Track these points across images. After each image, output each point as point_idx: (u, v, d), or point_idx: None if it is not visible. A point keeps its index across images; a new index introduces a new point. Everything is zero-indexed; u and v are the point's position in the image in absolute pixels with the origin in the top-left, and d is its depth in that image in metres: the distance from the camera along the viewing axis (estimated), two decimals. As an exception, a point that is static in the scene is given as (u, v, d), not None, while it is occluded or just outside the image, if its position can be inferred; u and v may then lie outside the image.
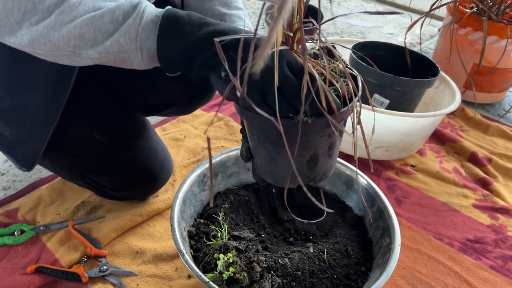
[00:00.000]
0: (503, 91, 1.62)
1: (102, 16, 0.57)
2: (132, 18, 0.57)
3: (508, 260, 0.99)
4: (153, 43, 0.57)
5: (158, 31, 0.57)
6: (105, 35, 0.57)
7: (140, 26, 0.57)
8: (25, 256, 0.87)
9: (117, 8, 0.57)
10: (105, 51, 0.58)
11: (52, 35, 0.58)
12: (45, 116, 0.78)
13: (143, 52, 0.58)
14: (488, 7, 1.45)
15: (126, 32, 0.57)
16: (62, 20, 0.57)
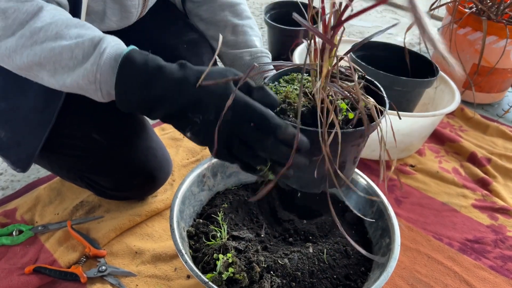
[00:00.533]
0: (502, 91, 1.62)
1: (61, 53, 0.57)
2: (90, 62, 0.56)
3: (507, 260, 0.99)
4: (109, 86, 0.58)
5: (115, 80, 0.57)
6: (65, 69, 0.58)
7: (98, 72, 0.56)
8: (23, 257, 0.87)
9: (76, 46, 0.57)
10: (64, 85, 0.59)
11: (13, 57, 0.58)
12: (40, 119, 0.78)
13: (102, 92, 0.59)
14: (488, 7, 1.45)
15: (85, 76, 0.57)
16: (23, 44, 0.57)
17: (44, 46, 0.57)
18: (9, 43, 0.57)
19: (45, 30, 0.57)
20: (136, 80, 0.56)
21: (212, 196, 0.92)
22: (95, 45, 0.57)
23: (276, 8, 1.77)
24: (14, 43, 0.57)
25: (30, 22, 0.57)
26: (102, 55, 0.56)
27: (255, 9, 2.29)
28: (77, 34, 0.58)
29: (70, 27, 0.58)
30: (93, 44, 0.57)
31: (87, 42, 0.57)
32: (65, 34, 0.57)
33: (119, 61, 0.56)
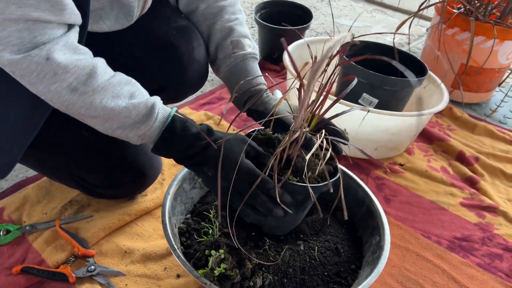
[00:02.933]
0: (490, 91, 1.64)
1: (120, 113, 0.67)
2: (145, 124, 0.69)
3: (494, 257, 1.00)
4: (152, 140, 0.71)
5: (157, 139, 0.70)
6: (115, 123, 0.68)
7: (149, 131, 0.70)
8: (10, 257, 0.86)
9: (133, 108, 0.68)
10: (111, 132, 0.70)
11: (71, 108, 0.66)
12: (24, 127, 0.77)
13: (142, 141, 0.72)
14: (475, 7, 1.47)
15: (136, 132, 0.69)
16: (83, 100, 0.65)
17: (103, 104, 0.66)
18: (68, 97, 0.64)
19: (104, 89, 0.66)
20: (173, 145, 0.71)
21: (204, 194, 0.92)
22: (149, 109, 0.69)
23: (266, 7, 1.77)
24: (75, 99, 0.65)
25: (89, 80, 0.65)
26: (155, 120, 0.69)
27: (246, 8, 2.29)
28: (130, 93, 0.69)
29: (122, 84, 0.68)
30: (147, 108, 0.69)
31: (142, 105, 0.68)
32: (120, 93, 0.67)
33: (165, 126, 0.70)
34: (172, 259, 0.89)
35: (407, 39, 2.06)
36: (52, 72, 0.61)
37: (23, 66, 0.60)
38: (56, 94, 0.64)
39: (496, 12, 1.51)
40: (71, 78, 0.63)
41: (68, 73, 0.62)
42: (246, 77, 0.89)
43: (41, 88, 0.63)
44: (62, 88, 0.63)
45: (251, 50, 0.91)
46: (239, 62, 0.89)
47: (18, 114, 0.76)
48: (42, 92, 0.64)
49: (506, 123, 1.56)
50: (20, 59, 0.59)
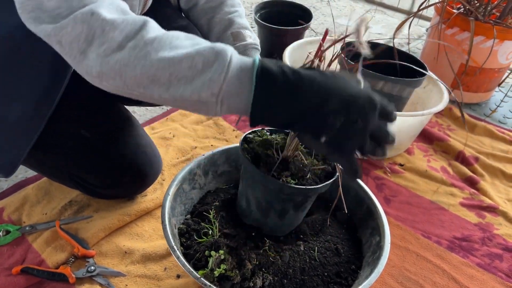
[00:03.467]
0: (489, 91, 1.64)
1: (181, 61, 0.53)
2: (216, 71, 0.52)
3: (494, 257, 1.00)
4: (241, 100, 0.54)
5: (253, 96, 0.53)
6: (181, 81, 0.53)
7: (225, 83, 0.53)
8: (10, 257, 0.86)
9: (197, 53, 0.53)
10: (181, 98, 0.55)
11: (124, 72, 0.54)
12: (27, 128, 0.77)
13: (223, 106, 0.55)
14: (475, 7, 1.47)
15: (209, 87, 0.53)
16: (136, 55, 0.54)
17: (160, 55, 0.53)
18: (119, 56, 0.54)
19: (159, 41, 0.54)
20: (282, 93, 0.53)
21: (203, 194, 0.92)
22: (217, 54, 0.53)
23: (266, 7, 1.77)
24: (127, 55, 0.54)
25: (142, 33, 0.54)
26: (229, 64, 0.53)
27: (245, 8, 2.29)
28: (192, 44, 0.55)
29: (181, 38, 0.56)
30: (214, 52, 0.53)
31: (208, 49, 0.53)
32: (179, 44, 0.55)
33: (255, 73, 0.53)
34: (172, 259, 0.88)
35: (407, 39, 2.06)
36: (100, 29, 0.53)
37: (69, 29, 0.53)
38: (106, 57, 0.54)
39: (495, 12, 1.50)
40: (120, 35, 0.54)
41: (116, 29, 0.53)
42: None
43: (91, 55, 0.54)
44: (111, 50, 0.54)
45: (252, 41, 0.90)
46: (240, 52, 0.86)
47: (21, 114, 0.76)
48: (92, 61, 0.54)
49: (506, 123, 1.56)
50: (64, 22, 0.53)
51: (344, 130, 0.52)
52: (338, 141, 0.53)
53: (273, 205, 0.75)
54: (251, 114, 0.54)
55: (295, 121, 0.54)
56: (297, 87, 0.53)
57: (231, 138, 1.27)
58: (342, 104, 0.52)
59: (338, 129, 0.52)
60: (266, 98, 0.53)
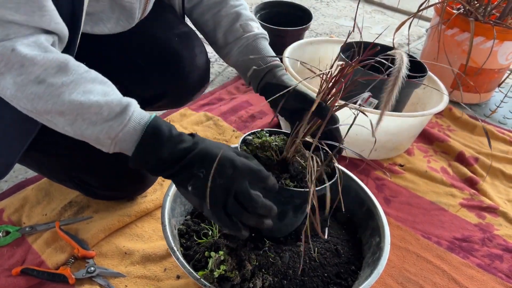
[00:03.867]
0: (489, 92, 1.64)
1: (90, 107, 0.61)
2: (117, 122, 0.62)
3: (495, 258, 1.00)
4: (129, 147, 0.64)
5: (138, 142, 0.63)
6: (85, 122, 0.62)
7: (122, 132, 0.63)
8: (10, 258, 0.86)
9: (105, 103, 0.62)
10: (81, 135, 0.64)
11: (37, 102, 0.60)
12: (21, 130, 0.76)
13: (116, 147, 0.65)
14: (475, 8, 1.47)
15: (107, 132, 0.62)
16: (50, 93, 0.60)
17: (72, 97, 0.60)
18: (35, 88, 0.60)
19: (75, 83, 0.61)
20: (159, 144, 0.64)
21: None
22: (124, 107, 0.63)
23: (266, 8, 1.77)
24: (42, 90, 0.60)
25: (60, 72, 0.60)
26: (129, 121, 0.63)
27: (245, 9, 2.29)
28: (103, 92, 0.63)
29: (96, 82, 0.63)
30: (121, 105, 0.62)
31: (115, 102, 0.62)
32: (92, 89, 0.62)
33: (146, 126, 0.64)
34: (172, 260, 0.88)
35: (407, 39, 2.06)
36: (19, 63, 0.58)
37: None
38: (22, 86, 0.59)
39: (495, 13, 1.51)
40: (39, 70, 0.59)
41: (36, 65, 0.59)
42: (260, 55, 0.88)
43: (8, 79, 0.59)
44: (28, 81, 0.59)
45: (261, 31, 0.91)
46: (251, 42, 0.89)
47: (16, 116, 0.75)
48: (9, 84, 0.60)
49: (506, 124, 1.56)
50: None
51: (205, 181, 0.61)
52: (201, 191, 0.61)
53: None
54: (131, 158, 0.65)
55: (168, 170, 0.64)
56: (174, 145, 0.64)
57: (231, 139, 1.27)
58: (206, 160, 0.62)
59: (200, 179, 0.61)
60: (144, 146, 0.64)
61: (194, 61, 0.96)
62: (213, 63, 1.70)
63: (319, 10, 2.40)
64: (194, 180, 0.62)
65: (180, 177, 0.64)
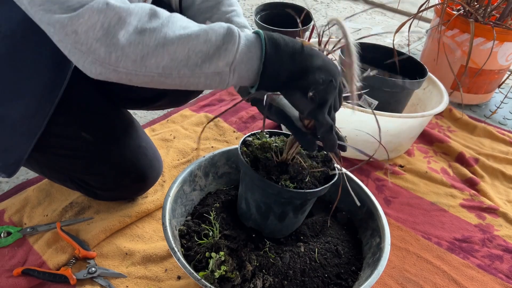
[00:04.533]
0: (490, 92, 1.65)
1: (197, 36, 0.58)
2: (230, 43, 0.59)
3: (495, 259, 1.00)
4: (251, 68, 0.61)
5: (264, 56, 0.61)
6: (198, 55, 0.59)
7: (238, 52, 0.60)
8: (11, 259, 0.86)
9: (209, 28, 0.59)
10: (199, 71, 0.60)
11: (146, 52, 0.58)
12: (29, 126, 0.77)
13: (234, 74, 0.61)
14: (475, 9, 1.47)
15: (225, 57, 0.59)
16: (155, 37, 0.57)
17: (177, 33, 0.58)
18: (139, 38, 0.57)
19: (172, 22, 0.59)
20: (285, 55, 0.62)
21: (204, 196, 0.92)
22: (229, 30, 0.60)
23: (266, 9, 1.77)
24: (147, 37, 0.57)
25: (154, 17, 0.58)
26: (239, 38, 0.60)
27: (246, 11, 2.29)
28: (196, 25, 0.61)
29: (184, 20, 0.61)
30: (223, 27, 0.60)
31: (217, 26, 0.60)
32: (188, 25, 0.60)
33: (263, 40, 0.61)
34: (172, 260, 0.89)
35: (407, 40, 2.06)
36: (117, 16, 0.56)
37: (85, 18, 0.55)
38: (127, 41, 0.56)
39: (495, 14, 1.51)
40: (135, 20, 0.57)
41: (132, 14, 0.57)
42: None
43: (108, 41, 0.56)
44: (129, 34, 0.56)
45: None
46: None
47: (24, 111, 0.76)
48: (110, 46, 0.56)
49: (506, 124, 1.56)
50: (81, 12, 0.54)
51: (325, 85, 0.62)
52: (321, 94, 0.62)
53: (273, 208, 0.75)
54: (261, 74, 0.61)
55: (293, 79, 0.63)
56: (294, 51, 0.62)
57: (231, 140, 1.27)
58: (323, 66, 0.63)
59: (321, 84, 0.62)
60: (273, 61, 0.61)
61: None
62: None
63: (320, 11, 2.40)
64: (316, 85, 0.62)
65: (303, 83, 0.62)
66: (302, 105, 0.64)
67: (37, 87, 0.75)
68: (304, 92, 0.62)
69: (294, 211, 0.76)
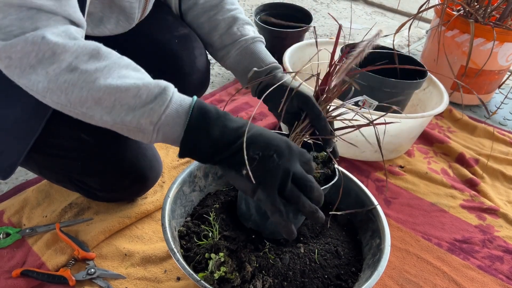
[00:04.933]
0: (490, 93, 1.65)
1: (128, 89, 0.58)
2: (158, 103, 0.59)
3: (495, 260, 1.00)
4: (175, 132, 0.61)
5: (187, 123, 0.60)
6: (124, 107, 0.59)
7: (164, 114, 0.59)
8: (10, 260, 0.86)
9: (143, 85, 0.59)
10: (121, 123, 0.60)
11: (71, 91, 0.58)
12: (25, 129, 0.77)
13: (158, 134, 0.61)
14: (475, 9, 1.47)
15: (149, 115, 0.59)
16: (85, 79, 0.57)
17: (108, 82, 0.58)
18: (68, 76, 0.57)
19: (109, 68, 0.59)
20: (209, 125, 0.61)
21: (203, 197, 0.92)
22: (162, 90, 0.60)
23: (266, 10, 1.77)
24: (76, 77, 0.57)
25: (93, 60, 0.58)
26: (170, 101, 0.59)
27: (246, 11, 2.29)
28: (138, 77, 0.60)
29: (129, 68, 0.61)
30: (159, 87, 0.60)
31: (153, 84, 0.59)
32: (127, 74, 0.59)
33: (191, 108, 0.61)
34: (172, 261, 0.88)
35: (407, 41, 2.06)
36: (50, 51, 0.56)
37: (18, 48, 0.55)
38: (55, 76, 0.57)
39: (495, 14, 1.51)
40: (71, 57, 0.57)
41: (67, 52, 0.57)
42: (258, 58, 0.87)
43: (39, 71, 0.57)
44: (61, 70, 0.57)
45: (257, 35, 0.92)
46: (249, 44, 0.89)
47: (20, 115, 0.76)
48: (41, 76, 0.57)
49: (506, 125, 1.56)
50: (15, 41, 0.55)
51: (262, 162, 0.59)
52: (258, 173, 0.59)
53: None
54: (182, 142, 0.61)
55: (220, 153, 0.61)
56: (225, 125, 0.61)
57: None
58: (261, 142, 0.61)
59: (257, 161, 0.59)
60: (193, 131, 0.60)
61: (194, 63, 0.97)
62: (213, 65, 1.70)
63: (320, 11, 2.40)
64: (250, 162, 0.59)
65: (234, 160, 0.61)
66: (240, 185, 0.62)
67: None
68: (238, 171, 0.61)
69: (294, 212, 0.76)
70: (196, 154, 0.63)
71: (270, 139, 0.61)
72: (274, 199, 0.60)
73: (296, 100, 0.74)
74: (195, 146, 0.61)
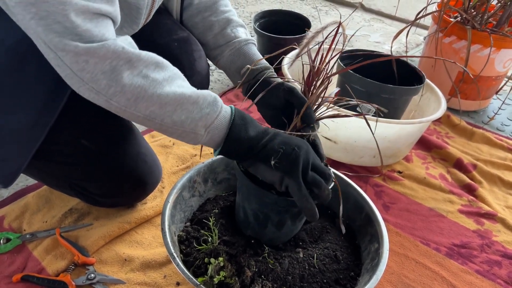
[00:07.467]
0: (487, 99, 1.66)
1: (189, 97, 0.67)
2: (213, 109, 0.69)
3: (493, 264, 1.00)
4: (220, 133, 0.70)
5: (231, 126, 0.70)
6: (184, 112, 0.67)
7: (217, 118, 0.69)
8: (10, 265, 0.86)
9: (200, 94, 0.68)
10: (180, 124, 0.68)
11: (141, 96, 0.64)
12: (28, 137, 0.77)
13: (207, 136, 0.69)
14: (472, 16, 1.49)
15: (205, 119, 0.68)
16: (155, 86, 0.65)
17: (173, 90, 0.66)
18: (141, 81, 0.64)
19: (172, 78, 0.67)
20: (246, 126, 0.71)
21: (203, 202, 0.93)
22: (213, 97, 0.70)
23: (265, 17, 1.79)
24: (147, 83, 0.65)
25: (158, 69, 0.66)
26: (221, 108, 0.70)
27: (245, 18, 2.31)
28: (190, 86, 0.70)
29: (182, 79, 0.70)
30: (211, 96, 0.70)
31: (206, 93, 0.69)
32: (184, 84, 0.69)
33: (233, 113, 0.71)
34: (171, 267, 0.89)
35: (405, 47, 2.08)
36: (127, 58, 0.62)
37: (100, 54, 0.60)
38: (129, 81, 0.63)
39: (492, 21, 1.52)
40: (142, 65, 0.64)
41: (141, 60, 0.64)
42: (251, 59, 0.92)
43: (113, 76, 0.62)
44: (134, 76, 0.63)
45: (249, 37, 0.96)
46: (242, 46, 0.93)
47: (24, 123, 0.76)
48: (113, 81, 0.63)
49: (504, 131, 1.57)
50: (98, 46, 0.60)
51: (286, 154, 0.68)
52: (283, 163, 0.67)
53: (270, 216, 0.76)
54: (225, 140, 0.70)
55: (253, 149, 0.69)
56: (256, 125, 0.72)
57: (231, 146, 1.27)
58: (283, 138, 0.70)
59: (281, 153, 0.68)
60: (239, 131, 0.70)
61: (194, 66, 0.98)
62: (212, 71, 1.71)
63: (318, 18, 2.42)
64: (276, 154, 0.68)
65: (262, 154, 0.69)
66: (269, 176, 0.69)
67: (38, 99, 0.75)
68: (267, 163, 0.68)
69: (292, 218, 0.77)
70: (235, 151, 0.70)
71: (288, 137, 0.71)
72: (299, 184, 0.66)
73: (283, 92, 0.81)
74: (236, 143, 0.69)
